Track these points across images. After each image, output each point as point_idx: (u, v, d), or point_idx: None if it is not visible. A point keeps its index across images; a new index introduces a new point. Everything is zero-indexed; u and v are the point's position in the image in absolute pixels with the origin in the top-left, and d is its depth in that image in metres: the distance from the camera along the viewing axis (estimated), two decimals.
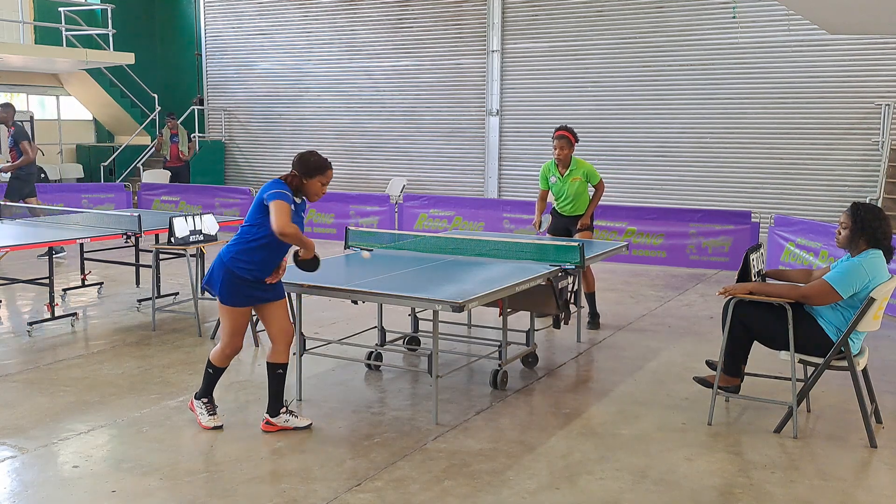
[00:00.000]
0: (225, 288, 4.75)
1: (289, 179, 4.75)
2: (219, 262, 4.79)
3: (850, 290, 4.70)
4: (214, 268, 4.80)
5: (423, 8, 16.27)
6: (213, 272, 4.81)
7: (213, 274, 4.81)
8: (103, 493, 4.12)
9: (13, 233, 7.63)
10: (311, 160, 4.80)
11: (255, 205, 4.76)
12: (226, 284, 4.74)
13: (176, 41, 20.91)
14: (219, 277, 4.77)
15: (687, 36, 13.86)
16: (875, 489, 4.30)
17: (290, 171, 4.81)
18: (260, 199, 4.70)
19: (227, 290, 4.75)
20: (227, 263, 4.74)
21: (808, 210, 12.72)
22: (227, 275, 4.74)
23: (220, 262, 4.78)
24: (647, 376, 6.12)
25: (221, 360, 4.95)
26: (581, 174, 7.64)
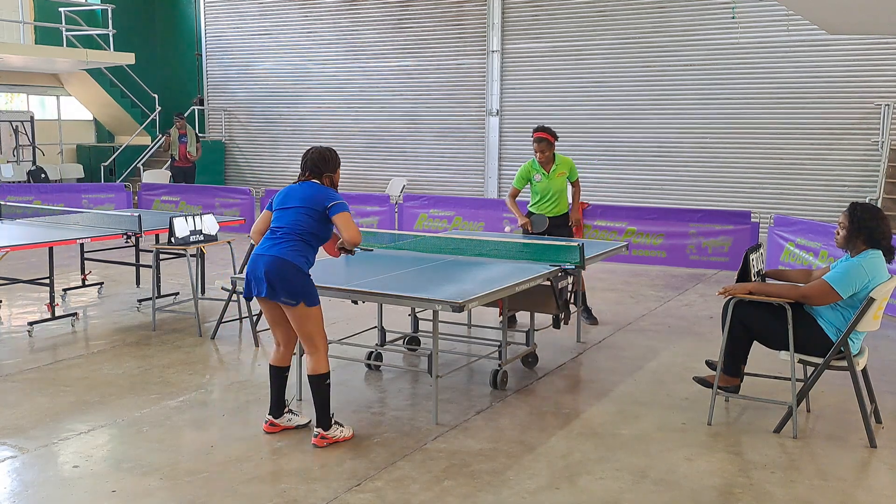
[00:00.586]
0: (309, 287, 4.65)
1: (327, 183, 4.77)
2: (280, 266, 4.56)
3: (850, 290, 4.70)
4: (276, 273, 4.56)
5: (423, 8, 16.27)
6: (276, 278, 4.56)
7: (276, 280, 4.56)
8: (103, 493, 4.12)
9: (13, 233, 7.63)
10: (332, 156, 4.83)
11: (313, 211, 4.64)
12: (309, 284, 4.65)
13: (176, 41, 20.92)
14: (293, 280, 4.57)
15: (688, 36, 13.86)
16: (875, 489, 4.30)
17: (320, 174, 4.76)
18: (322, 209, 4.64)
19: (312, 289, 4.67)
20: (297, 263, 4.60)
21: (807, 210, 12.73)
22: (303, 274, 4.63)
23: (285, 265, 4.57)
24: (647, 376, 6.12)
25: (327, 362, 4.75)
26: (566, 168, 7.55)
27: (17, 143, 17.63)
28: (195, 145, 15.35)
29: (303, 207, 4.67)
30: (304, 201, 4.68)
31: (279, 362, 4.90)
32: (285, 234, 4.66)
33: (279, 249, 4.62)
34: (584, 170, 14.59)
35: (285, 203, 4.75)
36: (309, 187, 4.74)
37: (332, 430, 4.73)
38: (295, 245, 4.64)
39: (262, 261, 4.63)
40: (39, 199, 13.65)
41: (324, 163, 4.79)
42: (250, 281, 4.71)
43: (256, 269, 4.64)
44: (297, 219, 4.67)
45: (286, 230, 4.66)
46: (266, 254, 4.63)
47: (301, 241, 4.66)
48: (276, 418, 4.89)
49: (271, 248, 4.64)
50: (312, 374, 4.71)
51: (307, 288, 4.64)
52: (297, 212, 4.67)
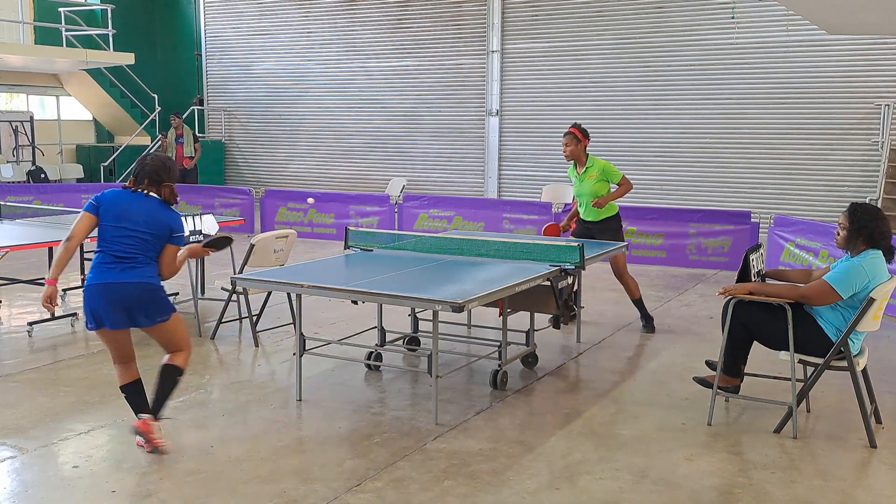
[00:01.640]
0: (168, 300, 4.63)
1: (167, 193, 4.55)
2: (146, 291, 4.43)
3: (850, 291, 4.70)
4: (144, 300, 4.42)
5: (423, 8, 16.28)
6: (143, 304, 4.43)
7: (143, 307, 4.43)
8: (103, 493, 4.12)
9: (13, 233, 7.63)
10: (173, 165, 4.67)
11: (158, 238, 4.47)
12: (167, 297, 4.63)
13: (176, 41, 20.92)
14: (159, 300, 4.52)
15: (687, 36, 13.87)
16: (875, 489, 4.30)
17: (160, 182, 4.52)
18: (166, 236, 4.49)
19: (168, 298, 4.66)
20: (158, 284, 4.54)
21: (807, 210, 12.73)
22: (163, 290, 4.59)
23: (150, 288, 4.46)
24: (647, 376, 6.12)
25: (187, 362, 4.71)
26: (597, 171, 7.31)
27: (16, 144, 17.62)
28: (192, 146, 15.28)
29: (148, 234, 4.43)
30: (149, 227, 4.43)
31: (132, 378, 4.65)
32: (136, 260, 4.42)
33: (138, 275, 4.41)
34: None
35: (123, 222, 4.41)
36: (149, 207, 4.47)
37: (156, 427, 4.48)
38: (148, 268, 4.47)
39: (125, 289, 4.37)
40: (39, 199, 13.65)
41: (166, 172, 4.55)
42: (98, 313, 4.39)
43: (116, 299, 4.36)
44: (144, 246, 4.43)
45: (133, 256, 4.41)
46: (122, 281, 4.37)
47: (151, 262, 4.50)
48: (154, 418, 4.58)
49: (124, 274, 4.39)
50: (171, 364, 4.61)
51: (168, 300, 4.63)
52: (142, 240, 4.43)
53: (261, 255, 6.80)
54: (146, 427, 4.49)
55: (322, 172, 17.68)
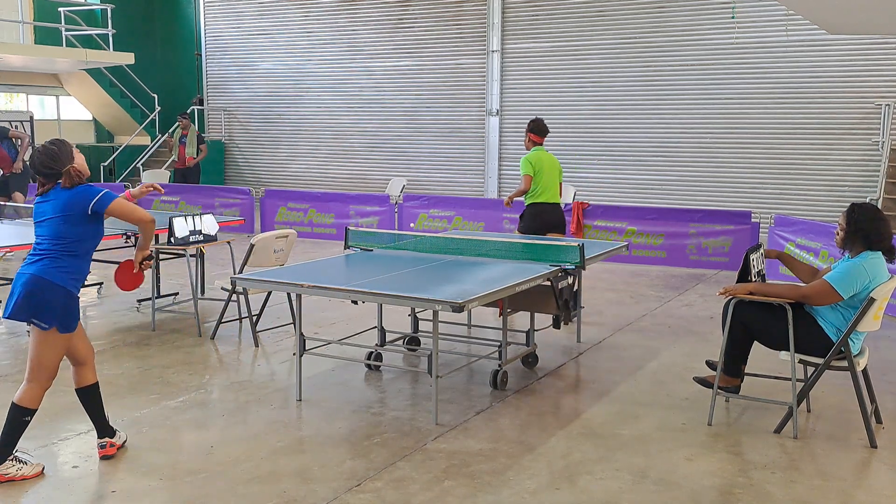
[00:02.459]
0: (69, 313, 4.19)
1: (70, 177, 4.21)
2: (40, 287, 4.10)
3: (851, 291, 4.70)
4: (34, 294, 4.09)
5: (423, 8, 16.27)
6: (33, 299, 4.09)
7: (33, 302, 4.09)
8: (103, 493, 4.12)
9: (13, 233, 7.63)
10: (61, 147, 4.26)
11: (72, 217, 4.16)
12: (70, 309, 4.19)
13: (176, 41, 20.92)
14: (52, 302, 4.11)
15: (687, 36, 13.87)
16: (875, 489, 4.30)
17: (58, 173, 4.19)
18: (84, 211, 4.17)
19: (72, 315, 4.21)
20: (56, 282, 4.12)
21: (808, 210, 12.73)
22: (68, 296, 4.17)
23: (44, 283, 4.11)
24: (647, 376, 6.12)
25: (38, 400, 4.28)
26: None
27: None
28: (196, 146, 15.23)
29: (59, 216, 4.15)
30: (59, 210, 4.15)
31: (80, 383, 4.47)
32: (46, 249, 4.17)
33: (39, 267, 4.14)
34: (584, 169, 14.64)
35: (39, 217, 4.23)
36: (56, 196, 4.19)
37: (4, 467, 4.18)
38: (58, 262, 4.16)
39: (21, 279, 4.15)
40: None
41: (53, 160, 4.18)
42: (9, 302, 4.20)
43: (14, 288, 4.16)
44: (55, 230, 4.16)
45: (46, 245, 4.17)
46: (26, 271, 4.16)
47: (66, 254, 4.18)
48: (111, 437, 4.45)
49: (33, 266, 4.16)
50: (18, 402, 4.21)
51: (67, 313, 4.18)
52: (54, 222, 4.16)
53: (261, 255, 6.80)
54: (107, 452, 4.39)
55: (322, 172, 17.68)
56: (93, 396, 4.53)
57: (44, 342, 4.20)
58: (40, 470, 4.29)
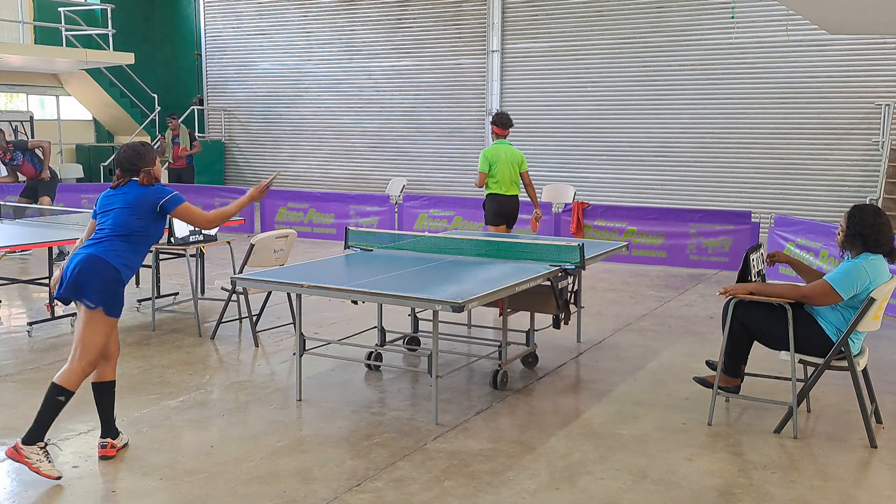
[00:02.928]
0: (116, 296, 4.32)
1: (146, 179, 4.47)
2: (94, 265, 4.25)
3: (851, 291, 4.70)
4: (85, 270, 4.25)
5: (422, 8, 16.27)
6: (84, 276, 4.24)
7: (83, 279, 4.24)
8: (103, 493, 4.12)
9: (13, 233, 7.63)
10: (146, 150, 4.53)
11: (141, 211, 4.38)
12: (118, 292, 4.32)
13: (176, 41, 20.92)
14: (103, 281, 4.26)
15: (687, 36, 13.86)
16: (875, 489, 4.30)
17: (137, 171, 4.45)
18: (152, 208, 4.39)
19: (118, 298, 4.34)
20: (111, 261, 4.28)
21: (808, 210, 12.73)
22: (117, 279, 4.30)
23: (98, 261, 4.26)
24: (647, 376, 6.12)
25: (76, 384, 4.32)
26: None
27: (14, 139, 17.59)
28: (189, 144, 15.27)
29: (127, 208, 4.37)
30: (128, 203, 4.38)
31: (101, 377, 4.51)
32: (106, 235, 4.36)
33: (96, 248, 4.32)
34: (584, 169, 14.64)
35: (106, 207, 4.43)
36: (130, 190, 4.43)
37: (29, 450, 4.20)
38: (114, 244, 4.33)
39: (76, 259, 4.31)
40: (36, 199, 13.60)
41: (138, 158, 4.46)
42: (62, 281, 4.34)
43: (67, 268, 4.31)
44: (120, 219, 4.36)
45: (107, 232, 4.36)
46: (81, 252, 4.34)
47: (123, 240, 4.35)
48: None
49: (88, 248, 4.35)
50: (58, 382, 4.27)
51: (115, 296, 4.31)
52: (121, 212, 4.37)
53: (261, 255, 6.80)
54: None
55: (322, 172, 17.68)
56: (108, 394, 4.57)
57: (90, 322, 4.31)
58: (56, 476, 4.20)
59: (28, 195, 10.90)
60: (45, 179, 10.87)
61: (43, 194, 10.83)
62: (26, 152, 10.72)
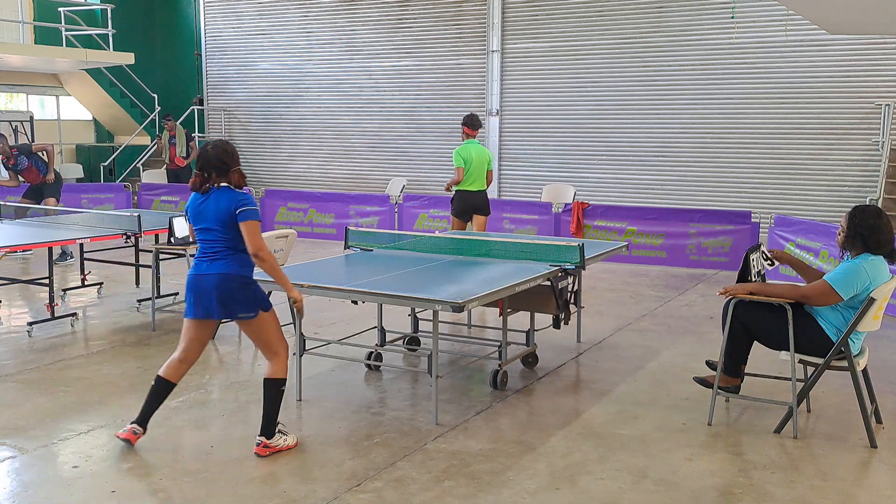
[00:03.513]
0: (260, 294, 4.58)
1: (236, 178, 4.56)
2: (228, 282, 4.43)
3: (851, 292, 4.70)
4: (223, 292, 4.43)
5: (422, 8, 16.27)
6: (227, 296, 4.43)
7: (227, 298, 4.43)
8: (103, 493, 4.12)
9: (14, 233, 7.63)
10: (233, 148, 4.64)
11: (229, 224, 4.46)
12: (259, 290, 4.59)
13: (176, 41, 20.91)
14: (245, 292, 4.48)
15: (687, 36, 13.86)
16: (875, 489, 4.30)
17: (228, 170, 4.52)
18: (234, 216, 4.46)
19: (262, 294, 4.61)
20: (243, 274, 4.49)
21: (808, 210, 12.72)
22: (253, 283, 4.55)
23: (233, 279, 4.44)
24: (647, 376, 6.12)
25: (286, 369, 4.63)
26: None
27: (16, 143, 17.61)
28: (185, 146, 15.27)
29: (218, 227, 4.45)
30: (218, 217, 4.44)
31: (171, 376, 4.66)
32: (218, 250, 4.48)
33: (220, 266, 4.45)
34: (584, 169, 14.63)
35: (200, 222, 4.52)
36: (216, 199, 4.48)
37: (275, 440, 4.58)
38: (232, 258, 4.48)
39: (209, 280, 4.45)
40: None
41: (229, 157, 4.54)
42: (194, 302, 4.50)
43: (203, 290, 4.46)
44: (221, 233, 4.47)
45: (216, 249, 4.49)
46: (210, 272, 4.45)
47: (237, 251, 4.49)
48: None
49: (211, 267, 4.47)
50: (270, 377, 4.56)
51: (259, 294, 4.57)
52: (216, 233, 4.47)
53: None
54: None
55: (322, 172, 17.67)
56: (164, 394, 4.70)
57: (259, 328, 4.56)
58: (295, 442, 4.66)
59: (32, 196, 10.90)
60: (49, 182, 10.88)
61: (48, 196, 10.84)
62: (31, 156, 10.73)
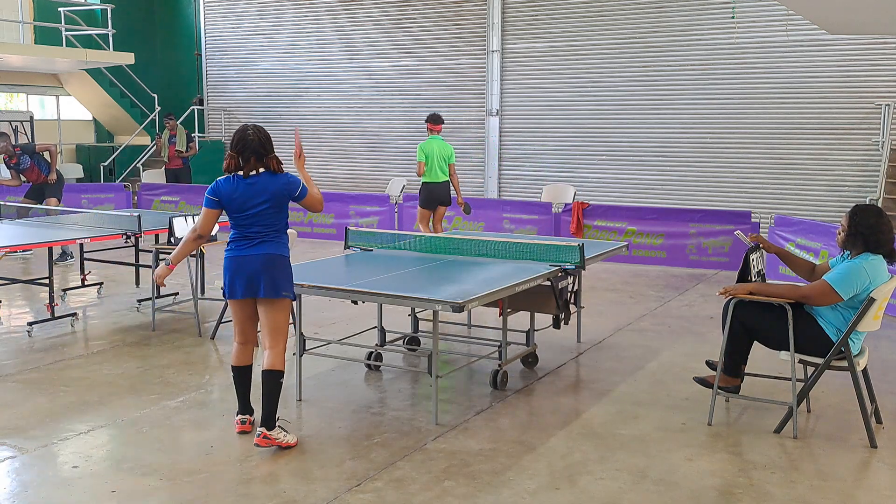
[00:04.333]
0: (289, 279, 4.71)
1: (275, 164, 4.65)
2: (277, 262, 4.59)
3: (851, 292, 4.70)
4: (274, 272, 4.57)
5: (422, 8, 16.27)
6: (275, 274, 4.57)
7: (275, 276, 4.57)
8: (103, 493, 4.12)
9: (14, 233, 7.63)
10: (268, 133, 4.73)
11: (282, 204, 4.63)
12: (288, 275, 4.71)
13: (176, 41, 20.90)
14: (288, 273, 4.67)
15: (687, 36, 13.86)
16: (875, 489, 4.30)
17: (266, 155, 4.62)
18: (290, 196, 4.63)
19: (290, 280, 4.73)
20: (287, 255, 4.68)
21: (808, 210, 12.72)
22: (290, 266, 4.72)
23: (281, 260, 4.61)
24: (647, 376, 6.12)
25: (284, 361, 4.73)
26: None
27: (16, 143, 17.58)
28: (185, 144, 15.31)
29: (272, 206, 4.56)
30: (273, 197, 4.56)
31: (245, 361, 4.84)
32: (266, 234, 4.59)
33: (268, 247, 4.60)
34: (584, 169, 14.63)
35: (243, 208, 4.56)
36: (267, 181, 4.56)
37: (275, 432, 4.61)
38: (278, 239, 4.65)
39: (256, 261, 4.55)
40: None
41: (269, 143, 4.65)
42: (237, 282, 4.59)
43: (250, 270, 4.55)
44: (270, 219, 4.59)
45: (265, 232, 4.59)
46: (256, 253, 4.56)
47: (281, 234, 4.68)
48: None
49: (258, 248, 4.58)
50: (270, 368, 4.64)
51: (290, 282, 4.71)
52: (267, 213, 4.57)
53: None
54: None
55: (322, 172, 17.66)
56: (247, 378, 4.87)
57: (281, 311, 4.66)
58: (295, 441, 4.69)
59: (33, 196, 10.90)
60: (51, 182, 10.89)
61: (50, 196, 10.84)
62: (34, 156, 10.73)
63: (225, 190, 4.59)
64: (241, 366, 4.84)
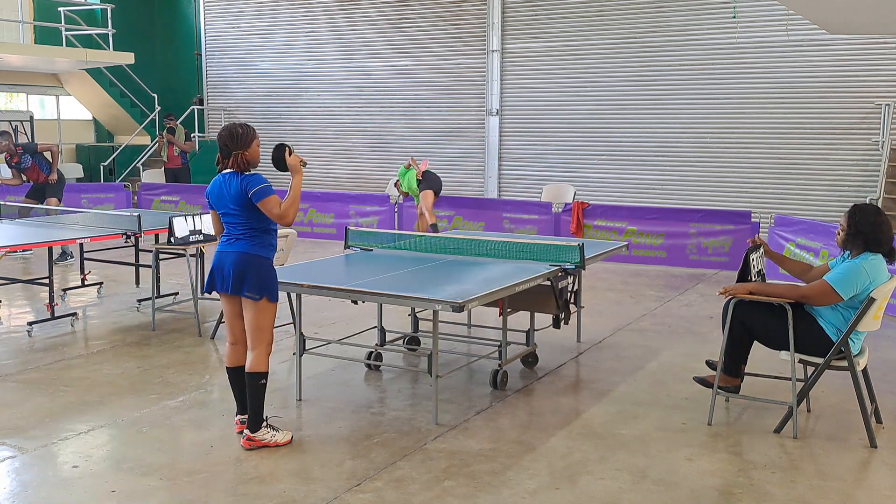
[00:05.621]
0: (274, 283, 4.67)
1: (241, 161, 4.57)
2: (246, 261, 4.56)
3: (851, 292, 4.70)
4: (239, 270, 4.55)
5: (422, 8, 16.27)
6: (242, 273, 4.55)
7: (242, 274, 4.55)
8: (103, 493, 4.12)
9: (14, 233, 7.63)
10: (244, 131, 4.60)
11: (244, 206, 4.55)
12: (273, 279, 4.67)
13: (176, 41, 20.91)
14: (259, 274, 4.58)
15: (686, 36, 13.86)
16: (875, 489, 4.30)
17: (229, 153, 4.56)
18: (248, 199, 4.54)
19: (275, 284, 4.69)
20: (262, 255, 4.61)
21: (808, 210, 12.72)
22: (269, 267, 4.66)
23: (251, 259, 4.57)
24: (647, 376, 6.12)
25: (266, 363, 4.71)
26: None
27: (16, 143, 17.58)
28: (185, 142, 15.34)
29: (235, 211, 4.56)
30: (233, 202, 4.55)
31: (236, 362, 4.81)
32: (243, 232, 4.61)
33: (242, 245, 4.60)
34: (584, 169, 14.64)
35: (219, 206, 4.65)
36: (227, 182, 4.57)
37: (260, 434, 4.63)
38: (254, 239, 4.61)
39: (228, 257, 4.60)
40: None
41: (232, 141, 4.56)
42: (214, 276, 4.67)
43: (222, 265, 4.61)
44: (240, 221, 4.59)
45: (241, 230, 4.61)
46: (229, 250, 4.61)
47: (256, 232, 4.62)
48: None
49: (232, 245, 4.62)
50: (250, 370, 4.64)
51: (269, 282, 4.63)
52: (235, 216, 4.58)
53: None
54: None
55: (322, 172, 17.66)
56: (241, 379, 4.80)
57: (259, 312, 4.62)
58: (290, 438, 4.70)
59: (34, 196, 10.90)
60: (52, 182, 10.89)
61: (50, 195, 10.84)
62: (35, 155, 10.73)
63: (210, 189, 4.70)
64: (232, 367, 4.83)
